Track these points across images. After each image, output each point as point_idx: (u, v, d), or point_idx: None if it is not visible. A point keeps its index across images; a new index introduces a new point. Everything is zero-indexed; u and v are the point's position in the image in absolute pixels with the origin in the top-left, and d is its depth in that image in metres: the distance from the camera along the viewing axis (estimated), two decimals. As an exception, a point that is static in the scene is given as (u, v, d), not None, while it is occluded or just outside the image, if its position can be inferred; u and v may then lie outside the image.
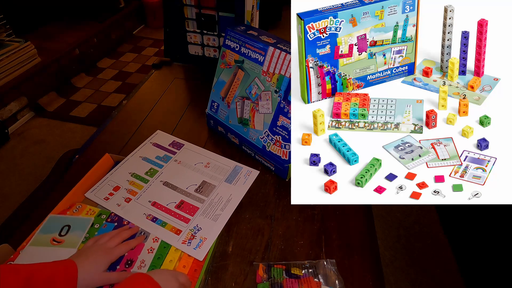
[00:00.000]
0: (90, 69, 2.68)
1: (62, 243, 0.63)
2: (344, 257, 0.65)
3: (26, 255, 0.61)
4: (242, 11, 1.05)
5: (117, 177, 0.78)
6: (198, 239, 0.65)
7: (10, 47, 2.07)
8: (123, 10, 3.12)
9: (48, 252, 0.61)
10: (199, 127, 0.99)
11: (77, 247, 0.63)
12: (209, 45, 1.18)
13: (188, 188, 0.76)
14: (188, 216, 0.70)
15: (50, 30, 2.69)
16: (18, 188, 1.72)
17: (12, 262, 0.60)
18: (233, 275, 0.63)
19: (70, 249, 0.62)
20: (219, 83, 0.90)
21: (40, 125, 2.14)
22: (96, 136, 0.97)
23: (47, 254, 0.60)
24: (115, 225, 0.68)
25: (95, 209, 0.70)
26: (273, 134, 0.79)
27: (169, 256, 0.62)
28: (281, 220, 0.72)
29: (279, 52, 0.77)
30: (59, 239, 0.64)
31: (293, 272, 0.61)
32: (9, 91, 2.04)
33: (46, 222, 0.66)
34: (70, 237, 0.64)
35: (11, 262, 0.59)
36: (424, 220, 1.59)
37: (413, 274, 1.38)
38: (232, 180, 0.78)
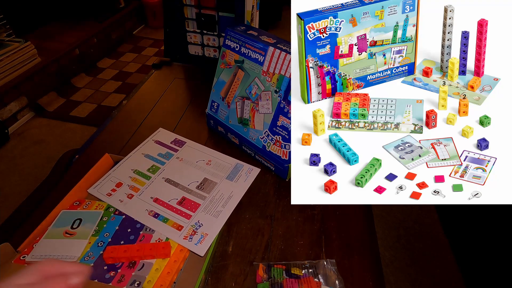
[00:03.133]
0: (90, 69, 2.68)
1: (74, 235, 0.66)
2: (344, 257, 0.65)
3: (40, 247, 0.64)
4: (242, 11, 1.05)
5: (119, 173, 0.79)
6: (199, 235, 0.66)
7: (10, 47, 2.07)
8: (123, 10, 3.12)
9: (61, 244, 0.65)
10: (199, 127, 0.99)
11: (88, 239, 0.66)
12: (209, 45, 1.18)
13: (190, 185, 0.76)
14: (190, 212, 0.70)
15: (50, 30, 2.69)
16: (18, 188, 1.72)
17: (26, 255, 0.62)
18: (233, 275, 0.63)
19: (82, 240, 0.65)
20: (219, 83, 0.90)
21: (40, 125, 2.14)
22: (96, 136, 0.97)
23: (61, 246, 0.64)
24: (123, 218, 0.70)
25: (103, 203, 0.72)
26: (273, 134, 0.79)
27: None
28: (281, 220, 0.72)
29: (279, 52, 0.77)
30: (71, 232, 0.66)
31: (293, 272, 0.61)
32: (9, 91, 2.05)
33: (58, 217, 0.69)
34: (81, 230, 0.67)
35: (25, 256, 0.62)
36: (424, 220, 1.59)
37: (413, 274, 1.38)
38: (233, 177, 0.78)
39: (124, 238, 0.66)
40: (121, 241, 0.65)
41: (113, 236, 0.66)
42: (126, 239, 0.66)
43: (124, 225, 0.68)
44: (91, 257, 0.62)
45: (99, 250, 0.64)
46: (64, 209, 0.70)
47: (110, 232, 0.67)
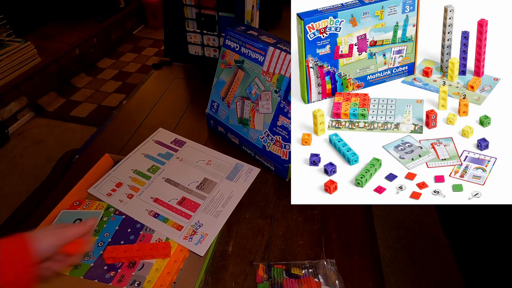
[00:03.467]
0: (90, 69, 2.68)
1: None
2: (344, 257, 0.65)
3: None
4: (242, 11, 1.05)
5: (119, 173, 0.79)
6: (199, 235, 0.66)
7: (10, 47, 2.07)
8: (123, 10, 3.12)
9: None
10: (199, 127, 0.99)
11: None
12: (209, 45, 1.18)
13: (190, 185, 0.76)
14: (190, 212, 0.70)
15: (50, 30, 2.69)
16: (18, 188, 1.72)
17: None
18: (233, 275, 0.63)
19: None
20: (219, 83, 0.90)
21: (40, 125, 2.14)
22: (96, 136, 0.97)
23: None
24: (123, 218, 0.69)
25: (103, 203, 0.72)
26: (273, 134, 0.79)
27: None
28: (281, 220, 0.72)
29: (279, 52, 0.77)
30: None
31: (293, 272, 0.61)
32: (9, 91, 2.05)
33: (58, 217, 0.68)
34: None
35: None
36: (424, 220, 1.59)
37: (413, 274, 1.38)
38: (233, 177, 0.78)
39: (124, 238, 0.66)
40: (121, 241, 0.65)
41: (113, 236, 0.66)
42: (126, 239, 0.66)
43: (124, 225, 0.68)
44: (91, 257, 0.62)
45: (99, 250, 0.63)
46: (64, 209, 0.70)
47: (110, 232, 0.67)
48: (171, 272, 0.60)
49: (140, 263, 0.62)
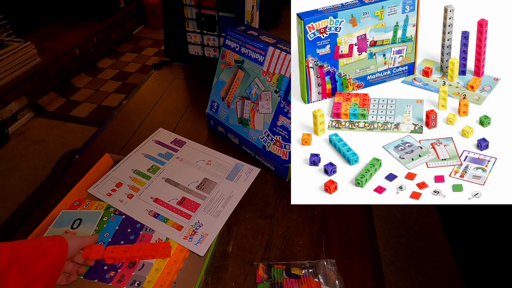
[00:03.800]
0: (90, 69, 2.68)
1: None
2: (344, 257, 0.65)
3: None
4: (242, 11, 1.05)
5: (119, 173, 0.79)
6: (199, 235, 0.66)
7: (10, 47, 2.07)
8: (123, 10, 3.12)
9: None
10: (199, 127, 0.99)
11: None
12: (209, 45, 1.18)
13: (190, 185, 0.76)
14: (190, 212, 0.70)
15: (50, 30, 2.69)
16: (18, 188, 1.72)
17: None
18: (233, 275, 0.63)
19: None
20: (219, 83, 0.90)
21: (40, 125, 2.14)
22: (96, 136, 0.97)
23: None
24: (123, 218, 0.70)
25: (103, 203, 0.72)
26: (273, 134, 0.79)
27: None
28: (281, 220, 0.72)
29: (279, 52, 0.77)
30: (71, 232, 0.67)
31: (293, 272, 0.61)
32: (9, 91, 2.05)
33: (58, 217, 0.69)
34: (81, 229, 0.67)
35: None
36: (424, 220, 1.59)
37: (413, 274, 1.38)
38: (233, 177, 0.78)
39: (124, 238, 0.66)
40: (121, 241, 0.65)
41: (113, 236, 0.66)
42: (126, 239, 0.66)
43: (124, 225, 0.68)
44: (91, 257, 0.62)
45: (99, 250, 0.63)
46: (64, 209, 0.70)
47: (110, 232, 0.67)
48: (171, 272, 0.60)
49: (140, 263, 0.62)
